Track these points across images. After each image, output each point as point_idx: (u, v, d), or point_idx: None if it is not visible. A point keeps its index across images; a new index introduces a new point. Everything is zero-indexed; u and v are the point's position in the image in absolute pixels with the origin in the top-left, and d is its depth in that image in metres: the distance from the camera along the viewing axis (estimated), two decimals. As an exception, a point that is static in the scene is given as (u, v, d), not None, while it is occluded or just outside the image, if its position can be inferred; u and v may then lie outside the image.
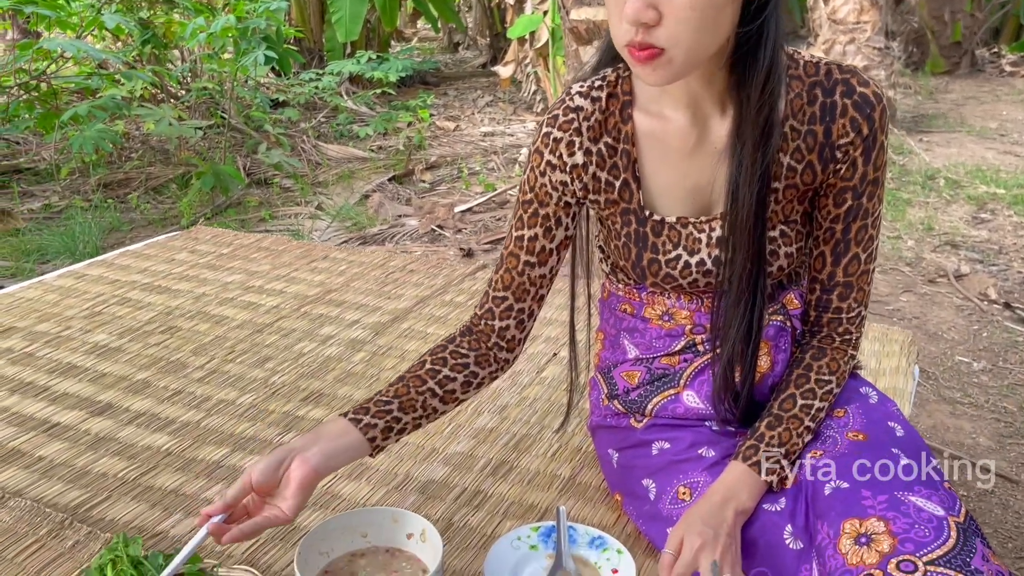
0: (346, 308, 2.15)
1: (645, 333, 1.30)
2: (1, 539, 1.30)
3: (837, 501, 1.10)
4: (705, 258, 1.19)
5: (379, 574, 1.20)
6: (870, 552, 1.01)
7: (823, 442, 1.19)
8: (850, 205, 1.19)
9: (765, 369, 1.24)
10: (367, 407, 1.18)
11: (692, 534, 1.07)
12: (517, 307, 1.27)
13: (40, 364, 1.86)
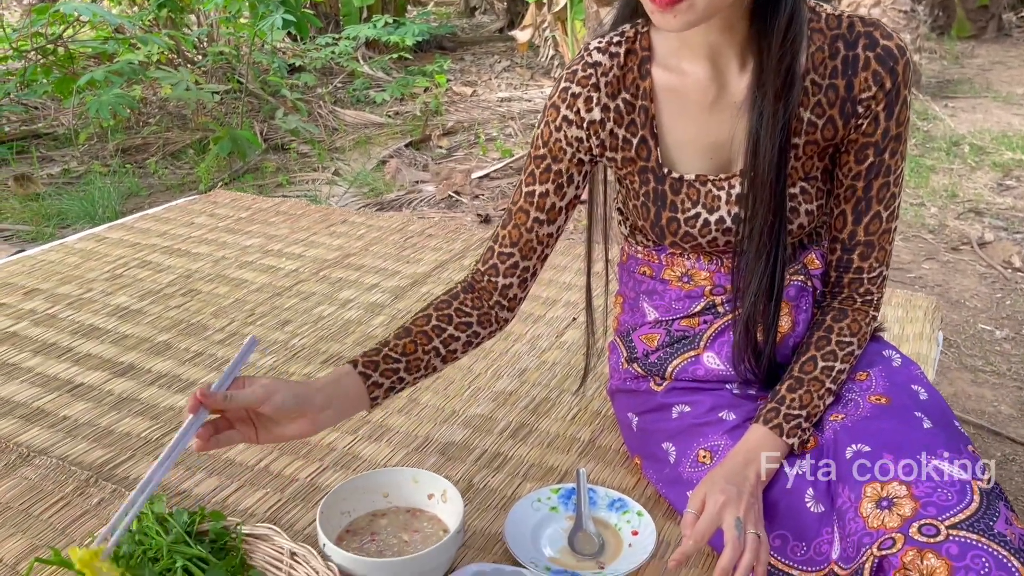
0: (365, 272, 2.15)
1: (664, 295, 1.29)
2: (28, 496, 1.32)
3: (859, 465, 1.09)
4: (725, 216, 1.18)
5: (400, 533, 1.21)
6: (891, 516, 1.00)
7: (844, 405, 1.19)
8: (872, 162, 1.16)
9: (786, 330, 1.23)
10: (375, 360, 1.15)
11: (715, 491, 1.07)
12: (523, 265, 1.25)
13: (63, 325, 1.88)
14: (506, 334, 1.83)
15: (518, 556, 1.17)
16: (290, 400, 1.06)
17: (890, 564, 0.97)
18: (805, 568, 1.09)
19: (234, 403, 1.04)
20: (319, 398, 1.10)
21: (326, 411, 1.10)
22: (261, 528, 1.14)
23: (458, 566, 1.18)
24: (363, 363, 1.15)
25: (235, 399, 1.04)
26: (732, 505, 1.05)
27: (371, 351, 1.17)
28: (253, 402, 1.05)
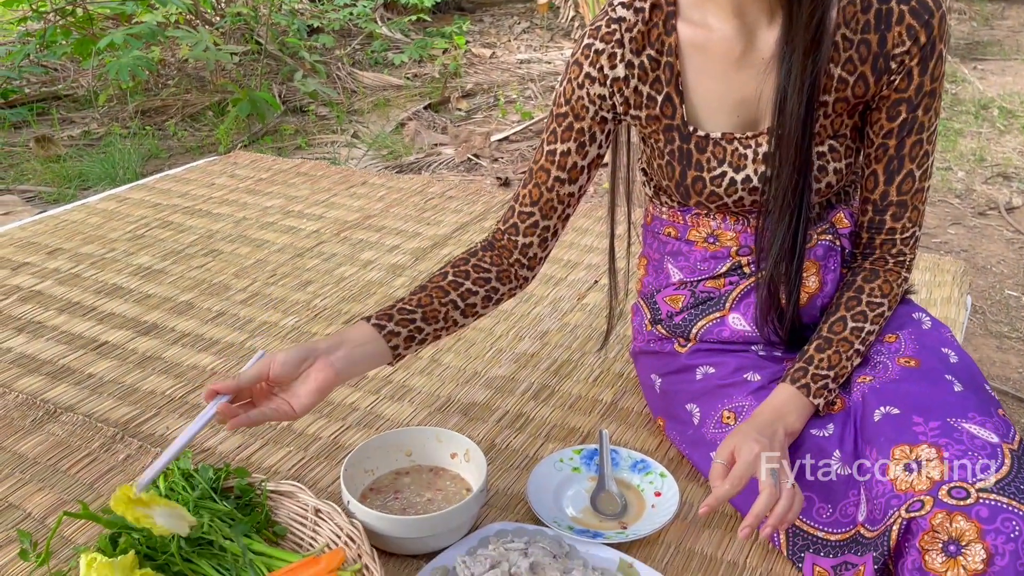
0: (386, 233, 2.14)
1: (690, 256, 1.27)
2: (56, 452, 1.34)
3: (887, 427, 1.08)
4: (751, 175, 1.16)
5: (423, 492, 1.22)
6: (920, 478, 0.99)
7: (873, 368, 1.17)
8: (904, 119, 1.13)
9: (814, 290, 1.21)
10: (390, 313, 1.14)
11: (748, 441, 1.04)
12: (543, 224, 1.24)
13: (86, 285, 1.89)
14: (527, 296, 1.82)
15: (540, 515, 1.17)
16: (292, 353, 1.06)
17: (918, 526, 0.96)
18: (830, 530, 1.08)
19: (244, 381, 1.05)
20: (321, 343, 1.09)
21: (334, 353, 1.08)
22: (285, 485, 1.15)
23: (481, 525, 1.18)
24: (376, 316, 1.14)
25: (242, 377, 1.05)
26: (767, 453, 1.03)
27: (385, 308, 1.16)
28: (259, 374, 1.06)
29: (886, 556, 0.99)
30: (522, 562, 1.07)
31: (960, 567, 0.93)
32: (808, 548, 1.09)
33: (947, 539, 0.94)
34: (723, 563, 1.13)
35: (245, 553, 1.05)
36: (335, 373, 1.08)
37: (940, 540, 0.95)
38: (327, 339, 1.11)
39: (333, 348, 1.09)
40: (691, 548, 1.16)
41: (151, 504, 0.98)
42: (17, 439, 1.37)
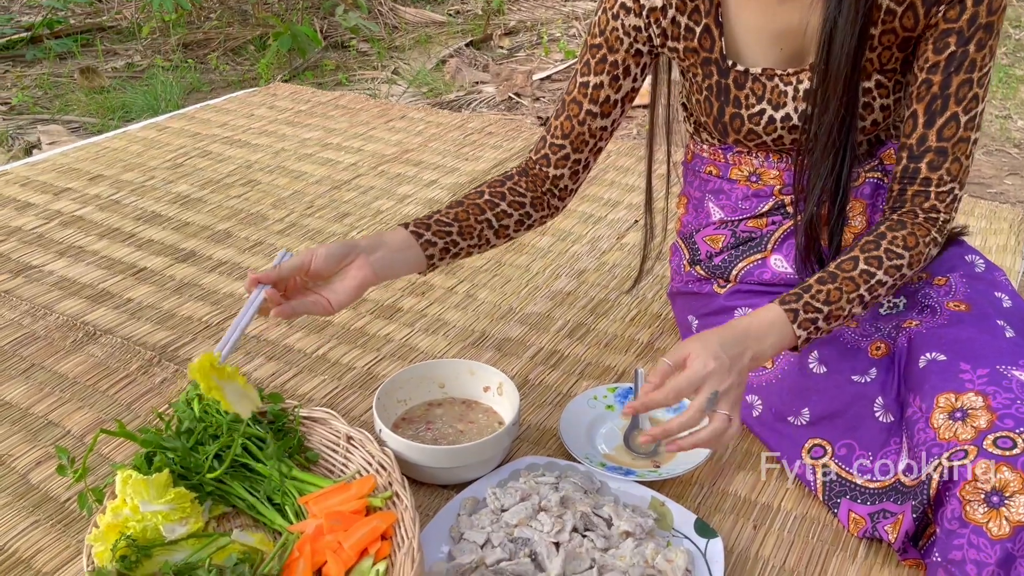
0: (423, 168, 2.11)
1: (731, 194, 1.23)
2: (95, 373, 1.36)
3: (932, 374, 1.04)
4: (791, 112, 1.10)
5: (455, 423, 1.21)
6: (965, 427, 0.96)
7: (921, 312, 1.13)
8: (952, 51, 1.03)
9: (860, 230, 1.17)
10: (427, 223, 1.12)
11: (706, 355, 0.95)
12: (574, 157, 1.21)
13: (127, 211, 1.90)
14: (565, 233, 1.80)
15: (572, 451, 1.16)
16: (334, 248, 1.05)
17: (960, 475, 0.93)
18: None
19: (285, 272, 1.03)
20: (363, 242, 1.08)
21: (374, 253, 1.07)
22: (319, 412, 1.15)
23: (512, 458, 1.18)
24: (414, 223, 1.13)
25: (284, 269, 1.03)
26: (716, 377, 0.95)
27: (421, 218, 1.14)
28: (301, 265, 1.04)
29: (925, 505, 0.97)
30: (552, 496, 1.06)
31: (1002, 518, 0.90)
32: (845, 494, 1.07)
33: (990, 490, 0.91)
34: (757, 505, 1.12)
35: (281, 476, 1.06)
36: (373, 273, 1.07)
37: (982, 491, 0.92)
38: (367, 238, 1.09)
39: (373, 248, 1.07)
40: (724, 489, 1.14)
41: (229, 378, 0.99)
42: (58, 359, 1.39)
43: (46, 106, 4.06)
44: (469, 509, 1.08)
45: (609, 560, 1.00)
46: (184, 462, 1.05)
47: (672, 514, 1.08)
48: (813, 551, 1.04)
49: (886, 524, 1.01)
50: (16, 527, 1.07)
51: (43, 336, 1.45)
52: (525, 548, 1.01)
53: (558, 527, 1.03)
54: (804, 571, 1.02)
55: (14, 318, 1.49)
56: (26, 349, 1.41)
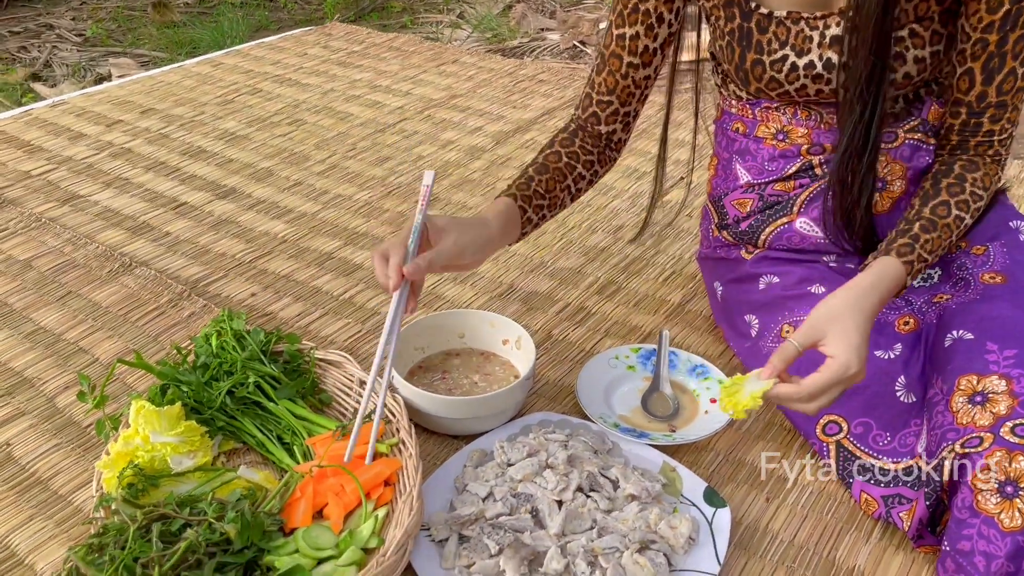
0: (470, 114, 2.08)
1: (757, 155, 1.17)
2: (126, 303, 1.38)
3: (957, 354, 0.99)
4: (815, 60, 1.04)
5: (472, 374, 1.20)
6: (983, 413, 0.91)
7: (955, 284, 1.07)
8: (1008, 9, 0.97)
9: (899, 193, 1.10)
10: (529, 196, 1.13)
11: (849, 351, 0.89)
12: (623, 111, 1.19)
13: (173, 145, 1.92)
14: (606, 188, 1.75)
15: (587, 409, 1.14)
16: (473, 250, 1.05)
17: (973, 463, 0.88)
18: (886, 458, 1.01)
19: (434, 268, 1.02)
20: (495, 237, 1.08)
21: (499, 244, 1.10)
22: (334, 354, 1.15)
23: (526, 413, 1.16)
24: (521, 197, 1.12)
25: (435, 263, 1.01)
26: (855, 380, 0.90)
27: (521, 184, 1.14)
28: (447, 261, 1.02)
29: (939, 491, 0.92)
30: (560, 453, 1.05)
31: (1015, 510, 0.85)
32: (859, 473, 1.03)
33: (1004, 479, 0.86)
34: (773, 477, 1.08)
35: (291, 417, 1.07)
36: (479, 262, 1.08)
37: (996, 480, 0.87)
38: (499, 230, 1.08)
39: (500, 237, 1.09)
40: (741, 458, 1.11)
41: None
42: (93, 288, 1.42)
43: (119, 39, 4.13)
44: (475, 461, 1.07)
45: (611, 522, 0.98)
46: (198, 396, 1.07)
47: (682, 480, 1.05)
48: (826, 528, 1.01)
49: (901, 511, 0.97)
50: (39, 448, 1.10)
51: (82, 264, 1.48)
52: (527, 504, 1.00)
53: (562, 485, 1.01)
54: (813, 548, 0.99)
55: (56, 245, 1.53)
56: (65, 276, 1.45)
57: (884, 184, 1.10)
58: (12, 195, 1.70)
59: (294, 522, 0.96)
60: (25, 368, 1.24)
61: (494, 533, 0.95)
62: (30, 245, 1.53)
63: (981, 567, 0.88)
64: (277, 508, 0.96)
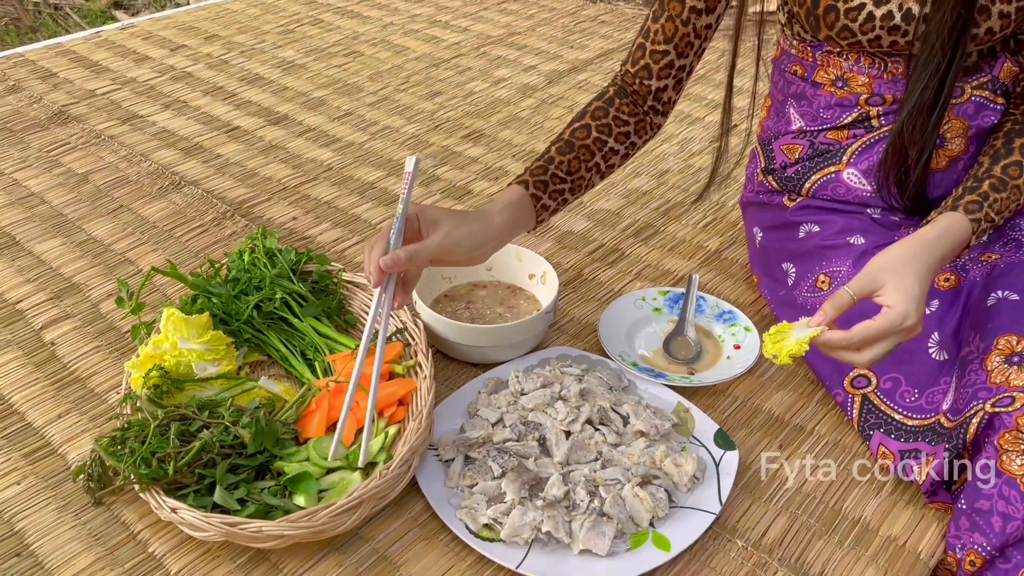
0: (526, 52, 2.06)
1: (814, 101, 1.13)
2: (173, 219, 1.43)
3: (1001, 313, 0.95)
4: (894, 10, 0.99)
5: (496, 307, 1.21)
6: (1019, 373, 0.88)
7: (1005, 244, 1.03)
8: None
9: (957, 152, 1.06)
10: (544, 181, 1.05)
11: (906, 301, 0.85)
12: (678, 64, 1.11)
13: (232, 72, 1.96)
14: (656, 132, 1.72)
15: (606, 347, 1.14)
16: (469, 246, 0.97)
17: (1001, 423, 0.86)
18: (910, 414, 0.99)
19: (418, 262, 0.94)
20: (497, 233, 1.00)
21: (502, 239, 1.02)
22: (361, 277, 1.18)
23: (546, 346, 1.17)
24: (534, 184, 1.05)
25: (418, 257, 0.93)
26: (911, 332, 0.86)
27: (537, 168, 1.06)
28: (433, 256, 0.95)
29: (960, 448, 0.90)
30: (573, 386, 1.06)
31: (1040, 473, 0.83)
32: (879, 427, 1.01)
33: (1032, 441, 0.84)
34: (789, 425, 1.07)
35: (314, 334, 1.10)
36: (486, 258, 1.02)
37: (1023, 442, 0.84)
38: (500, 224, 1.00)
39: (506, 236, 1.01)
40: (758, 405, 1.10)
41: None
42: (143, 203, 1.47)
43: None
44: (490, 389, 1.09)
45: (616, 456, 0.99)
46: (227, 308, 1.10)
47: (695, 421, 1.05)
48: (837, 478, 1.00)
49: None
50: (80, 349, 1.16)
51: (135, 181, 1.53)
52: (535, 432, 1.01)
53: (572, 417, 1.02)
54: (821, 497, 0.98)
55: (112, 161, 1.58)
56: (118, 191, 1.50)
57: (943, 141, 1.06)
58: (76, 112, 1.76)
59: (308, 432, 0.99)
60: (74, 274, 1.30)
61: (499, 457, 0.97)
62: (88, 160, 1.59)
63: (997, 527, 0.86)
64: (292, 418, 1.00)
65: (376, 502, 0.90)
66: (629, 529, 0.91)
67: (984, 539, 0.87)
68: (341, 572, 0.89)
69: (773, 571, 0.89)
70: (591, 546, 0.88)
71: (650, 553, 0.89)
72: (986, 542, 0.87)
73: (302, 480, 0.92)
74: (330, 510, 0.86)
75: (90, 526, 0.92)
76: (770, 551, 0.92)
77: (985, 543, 0.87)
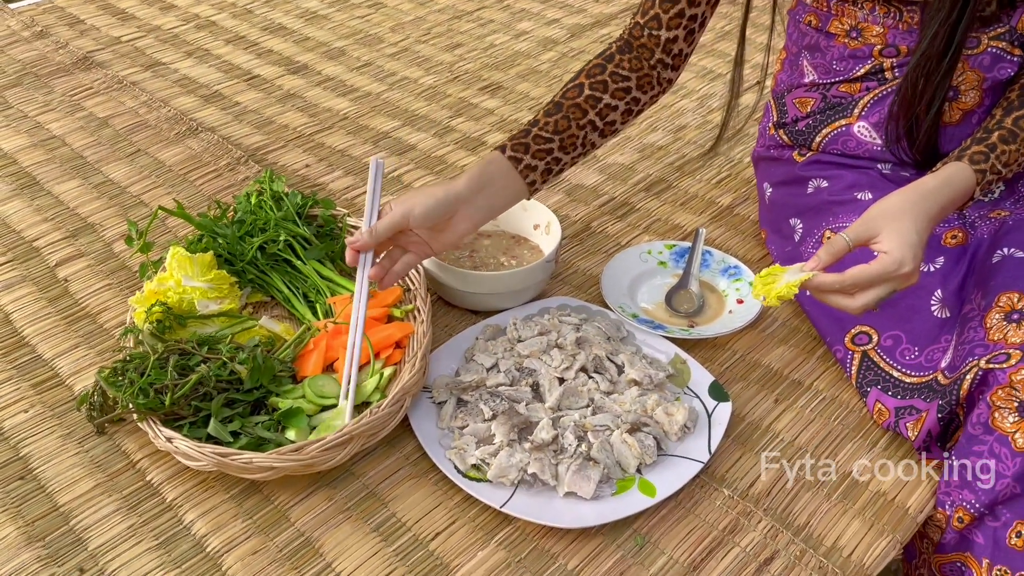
0: (550, 6, 2.03)
1: (827, 52, 1.10)
2: (188, 164, 1.45)
3: (1005, 270, 0.94)
4: None
5: (499, 256, 1.21)
6: (1017, 330, 0.86)
7: (1016, 201, 1.01)
8: None
9: (971, 105, 1.03)
10: (525, 143, 1.02)
11: (904, 248, 0.83)
12: (689, 13, 1.06)
13: (255, 21, 1.96)
14: (677, 87, 1.70)
15: (607, 297, 1.14)
16: (432, 207, 0.97)
17: (995, 379, 0.85)
18: (909, 371, 0.98)
19: (382, 235, 0.97)
20: (463, 189, 0.98)
21: (476, 200, 0.99)
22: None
23: (548, 296, 1.17)
24: (511, 147, 1.02)
25: (379, 232, 0.97)
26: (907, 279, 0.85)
27: (519, 134, 1.04)
28: (398, 225, 0.97)
29: (953, 405, 0.89)
30: (570, 335, 1.06)
31: (1031, 430, 0.82)
32: (877, 383, 1.00)
33: (1025, 398, 0.83)
34: (786, 380, 1.07)
35: (317, 276, 1.11)
36: (474, 224, 1.01)
37: (1016, 399, 0.83)
38: (466, 180, 0.99)
39: (474, 193, 0.99)
40: (758, 360, 1.09)
41: None
42: (160, 147, 1.49)
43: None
44: (488, 335, 1.09)
45: (608, 403, 0.99)
46: (231, 249, 1.12)
47: (690, 373, 1.05)
48: (830, 433, 0.99)
49: (910, 421, 0.95)
50: (92, 287, 1.19)
51: (153, 126, 1.55)
52: (529, 378, 1.02)
53: (566, 364, 1.03)
54: (812, 451, 0.97)
55: (133, 106, 1.60)
56: (136, 135, 1.52)
57: (956, 93, 1.03)
58: (101, 58, 1.78)
59: (305, 371, 1.01)
60: (90, 215, 1.33)
61: (491, 400, 0.98)
62: (109, 105, 1.61)
63: (987, 484, 0.86)
64: (291, 357, 1.02)
65: (366, 439, 0.92)
66: (616, 474, 0.92)
67: (973, 496, 0.87)
68: (331, 506, 0.91)
69: (757, 520, 0.89)
70: (576, 489, 0.89)
71: (635, 498, 0.90)
72: (975, 499, 0.87)
73: (294, 415, 0.94)
74: (319, 444, 0.88)
75: (92, 454, 0.95)
76: (756, 501, 0.92)
77: (974, 500, 0.87)
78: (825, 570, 0.84)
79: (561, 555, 0.86)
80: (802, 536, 0.88)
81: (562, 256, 1.26)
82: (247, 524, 0.89)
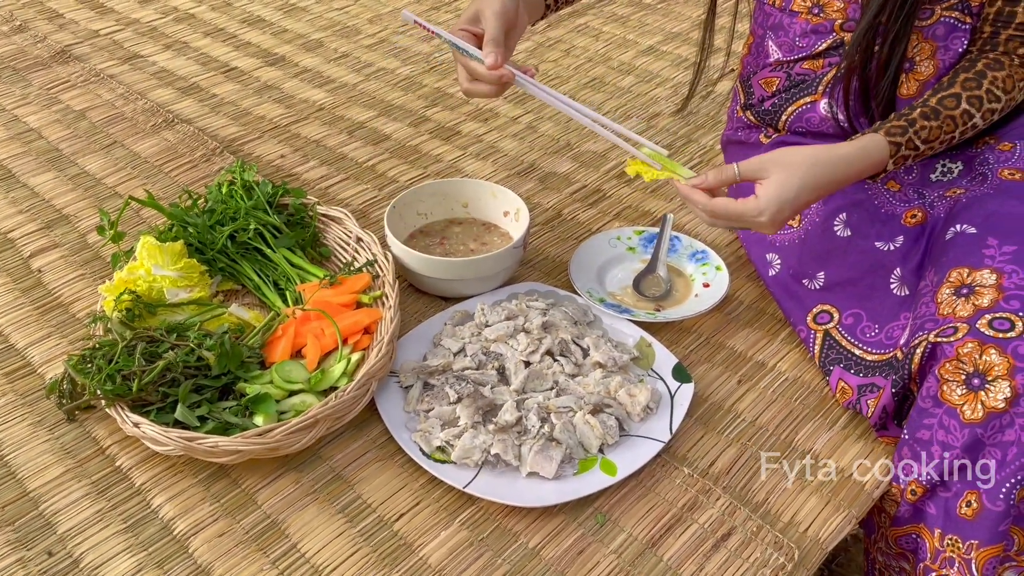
0: (528, -4, 2.04)
1: (790, 30, 1.12)
2: (163, 155, 1.46)
3: (955, 247, 0.95)
4: None
5: (469, 243, 1.23)
6: (965, 304, 0.88)
7: (972, 179, 1.02)
8: None
9: (926, 76, 1.04)
10: None
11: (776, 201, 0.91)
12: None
13: (234, 13, 1.97)
14: (649, 75, 1.72)
15: (575, 283, 1.16)
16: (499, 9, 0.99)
17: (942, 352, 0.87)
18: (870, 349, 1.00)
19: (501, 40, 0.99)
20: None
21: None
22: (336, 211, 1.20)
23: (517, 282, 1.19)
24: None
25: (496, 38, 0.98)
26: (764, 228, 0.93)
27: None
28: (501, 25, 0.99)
29: (906, 380, 0.91)
30: (537, 319, 1.07)
31: (979, 402, 0.83)
32: (839, 362, 1.02)
33: (972, 371, 0.84)
34: (751, 362, 1.08)
35: (287, 264, 1.12)
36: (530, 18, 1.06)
37: (964, 371, 0.85)
38: None
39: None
40: (722, 342, 1.11)
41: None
42: (136, 139, 1.50)
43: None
44: (456, 320, 1.11)
45: (572, 385, 1.01)
46: (202, 238, 1.13)
47: (655, 355, 1.06)
48: (791, 413, 1.01)
49: (870, 398, 0.96)
50: (66, 277, 1.20)
51: (130, 118, 1.56)
52: (495, 362, 1.03)
53: (532, 348, 1.04)
54: (773, 430, 0.99)
55: (110, 99, 1.61)
56: (113, 127, 1.53)
57: (912, 65, 1.04)
58: (79, 51, 1.79)
59: (273, 357, 1.02)
60: (65, 206, 1.33)
61: (456, 383, 0.99)
62: (86, 98, 1.62)
63: (936, 457, 0.87)
64: (259, 344, 1.03)
65: (332, 423, 0.93)
66: (578, 455, 0.94)
67: (925, 468, 0.88)
68: (297, 489, 0.92)
69: (716, 497, 0.91)
70: (538, 469, 0.91)
71: (596, 477, 0.92)
72: (927, 471, 0.88)
73: (262, 401, 0.95)
74: (285, 428, 0.89)
75: (62, 440, 0.97)
76: (716, 479, 0.93)
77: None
78: (780, 544, 0.86)
79: (523, 534, 0.88)
80: (760, 512, 0.90)
81: (533, 243, 1.27)
82: (214, 507, 0.90)
